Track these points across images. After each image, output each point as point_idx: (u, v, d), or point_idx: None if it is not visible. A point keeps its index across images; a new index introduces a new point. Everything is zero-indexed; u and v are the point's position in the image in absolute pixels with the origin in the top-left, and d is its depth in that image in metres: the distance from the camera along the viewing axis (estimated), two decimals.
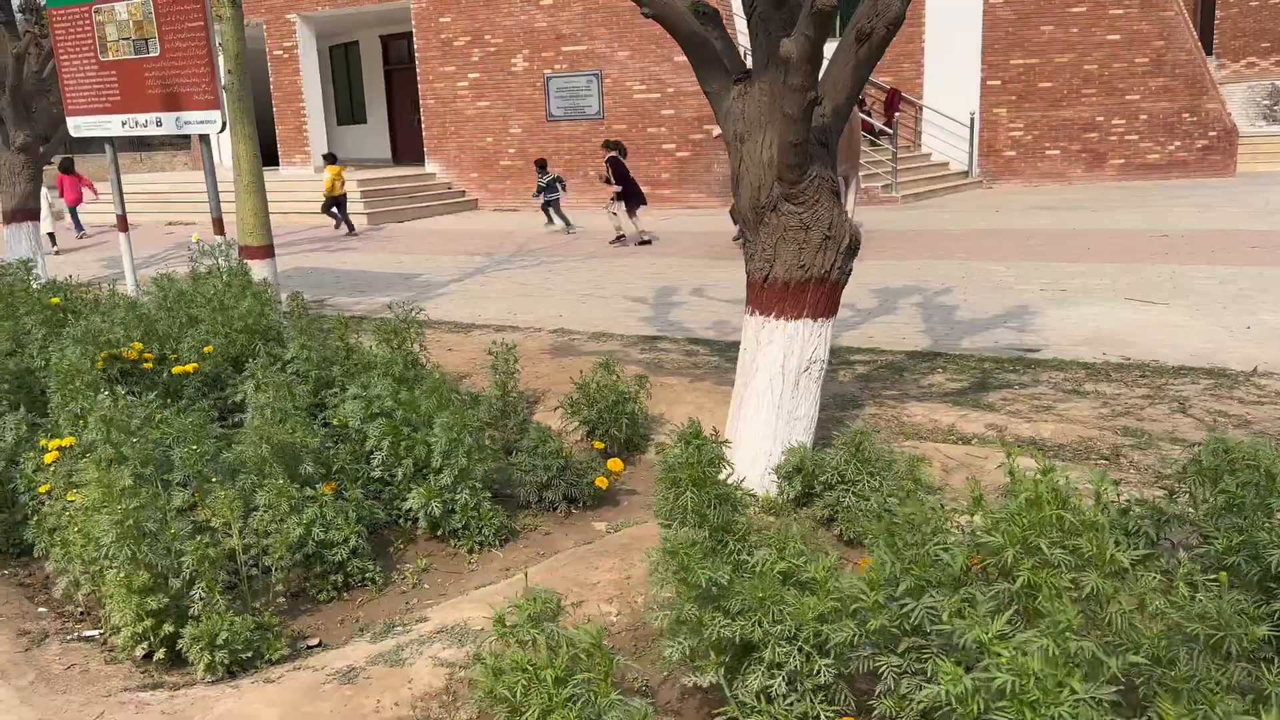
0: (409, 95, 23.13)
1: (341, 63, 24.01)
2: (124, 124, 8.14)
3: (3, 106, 10.07)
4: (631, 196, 13.20)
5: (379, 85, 23.72)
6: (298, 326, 5.69)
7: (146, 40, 7.76)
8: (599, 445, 4.54)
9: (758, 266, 3.77)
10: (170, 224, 18.42)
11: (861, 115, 17.19)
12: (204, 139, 7.86)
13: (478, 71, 18.82)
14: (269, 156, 26.63)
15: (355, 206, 17.07)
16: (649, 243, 12.81)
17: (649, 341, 7.18)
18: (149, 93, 7.89)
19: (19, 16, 9.68)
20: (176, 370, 5.09)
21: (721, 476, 2.79)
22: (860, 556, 3.29)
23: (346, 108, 24.29)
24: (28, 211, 10.42)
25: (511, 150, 18.84)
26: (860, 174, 12.93)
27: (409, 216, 17.68)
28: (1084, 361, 6.04)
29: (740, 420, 3.92)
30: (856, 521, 3.42)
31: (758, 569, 2.39)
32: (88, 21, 8.09)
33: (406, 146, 23.19)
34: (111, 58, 8.02)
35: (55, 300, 6.43)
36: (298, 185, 18.83)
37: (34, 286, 7.42)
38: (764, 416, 3.82)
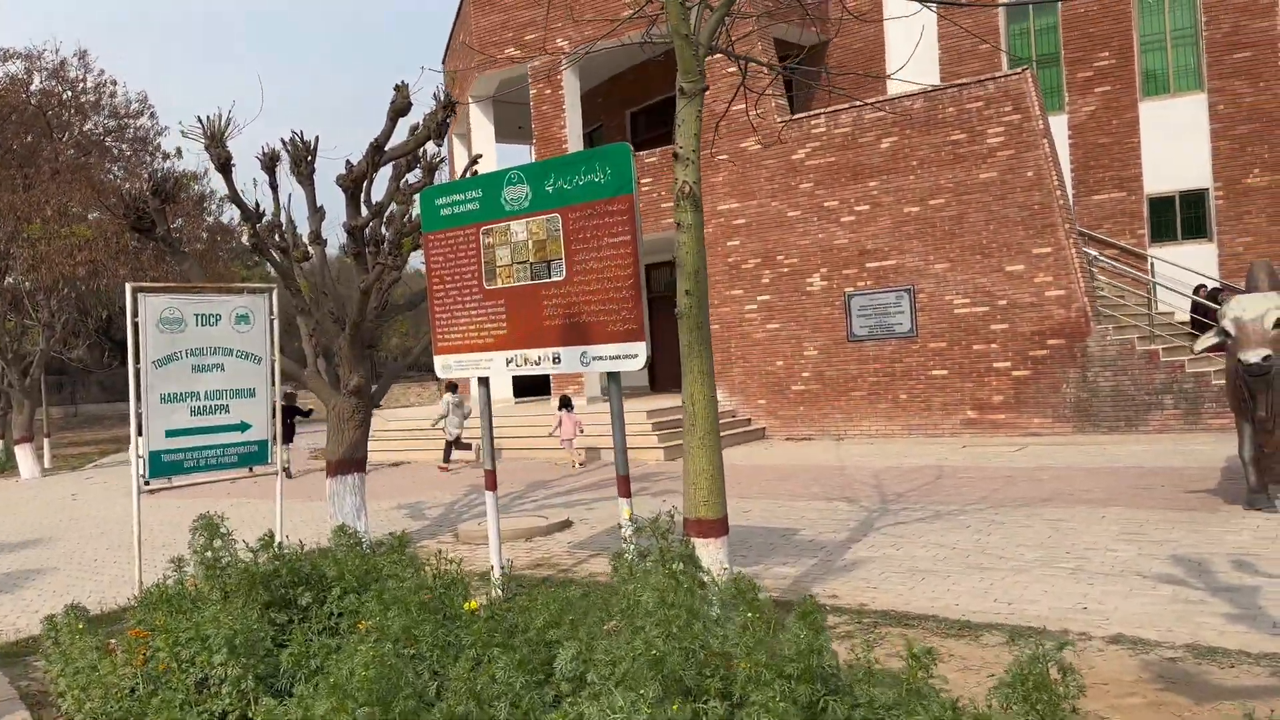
0: (671, 323, 22.19)
1: None
2: (509, 362, 6.68)
3: (340, 346, 9.08)
4: (286, 435, 15.80)
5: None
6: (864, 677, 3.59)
7: (549, 263, 6.37)
8: None
9: None
10: (443, 468, 17.47)
11: None
12: (612, 378, 6.24)
13: (768, 294, 17.48)
14: (538, 388, 26.24)
15: (649, 440, 15.54)
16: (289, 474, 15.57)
17: None
18: (546, 324, 6.43)
19: (371, 249, 8.77)
20: None
21: None
22: None
23: None
24: (356, 462, 9.18)
25: (805, 374, 17.07)
26: None
27: None
28: None
29: None
30: None
31: None
32: (473, 245, 6.85)
33: (666, 373, 22.02)
34: (500, 284, 6.69)
35: (472, 605, 4.65)
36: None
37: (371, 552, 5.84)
38: None
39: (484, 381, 7.11)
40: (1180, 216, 16.87)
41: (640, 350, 5.89)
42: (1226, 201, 16.41)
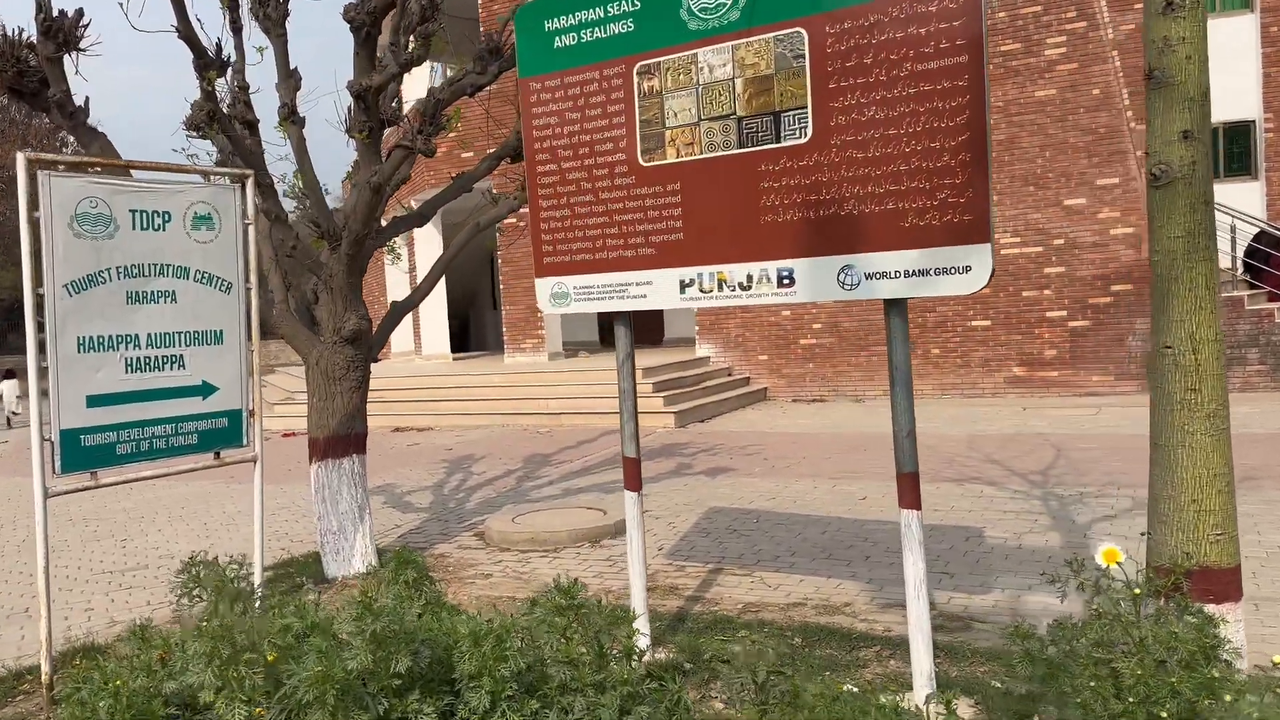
0: None
1: None
2: (687, 285, 4.09)
3: (333, 271, 6.26)
4: None
5: None
6: None
7: (777, 116, 3.80)
8: None
9: None
10: (397, 429, 14.57)
11: None
12: (891, 310, 3.74)
13: None
14: (466, 340, 23.26)
15: (652, 403, 13.05)
16: None
17: None
18: (766, 221, 3.87)
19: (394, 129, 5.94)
20: None
21: None
22: None
23: None
24: (354, 439, 6.42)
25: (817, 325, 14.85)
26: None
27: (708, 414, 13.59)
28: None
29: None
30: None
31: None
32: (619, 94, 4.19)
33: (641, 321, 19.56)
34: (673, 159, 4.07)
35: None
36: (538, 379, 14.96)
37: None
38: None
39: (624, 317, 4.50)
40: (1224, 151, 15.26)
41: (984, 258, 3.42)
42: (1278, 134, 14.87)
